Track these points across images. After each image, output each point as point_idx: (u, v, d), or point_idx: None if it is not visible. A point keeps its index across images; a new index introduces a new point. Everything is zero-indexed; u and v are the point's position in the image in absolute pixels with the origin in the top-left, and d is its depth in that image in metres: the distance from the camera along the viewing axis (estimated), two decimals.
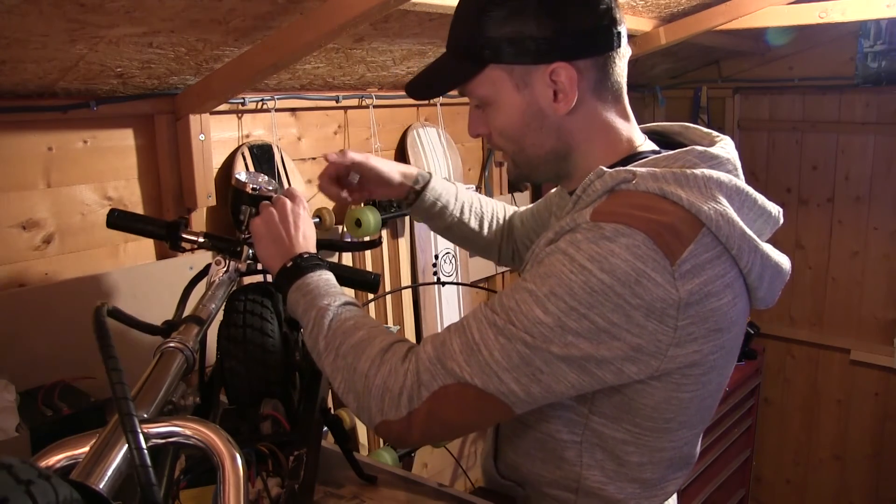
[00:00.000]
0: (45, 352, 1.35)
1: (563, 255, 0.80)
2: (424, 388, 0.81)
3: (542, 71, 0.87)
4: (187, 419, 0.70)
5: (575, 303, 0.77)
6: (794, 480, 3.13)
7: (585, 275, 0.77)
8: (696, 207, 0.79)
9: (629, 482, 0.91)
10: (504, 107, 0.91)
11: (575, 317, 0.77)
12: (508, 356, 0.79)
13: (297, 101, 1.81)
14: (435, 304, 2.25)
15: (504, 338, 0.80)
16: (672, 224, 0.78)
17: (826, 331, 2.97)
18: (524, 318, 0.79)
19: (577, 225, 0.82)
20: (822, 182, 2.89)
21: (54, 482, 0.47)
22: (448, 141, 2.25)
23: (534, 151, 0.93)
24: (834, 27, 2.35)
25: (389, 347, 0.87)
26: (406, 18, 1.49)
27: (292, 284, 0.98)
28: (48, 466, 0.65)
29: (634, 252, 0.76)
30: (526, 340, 0.78)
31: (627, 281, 0.76)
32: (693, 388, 0.85)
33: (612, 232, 0.78)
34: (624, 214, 0.79)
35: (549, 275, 0.80)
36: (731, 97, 3.00)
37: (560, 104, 0.88)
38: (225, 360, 1.05)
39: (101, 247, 1.49)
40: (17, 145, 1.35)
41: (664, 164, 0.85)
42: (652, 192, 0.80)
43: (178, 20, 1.18)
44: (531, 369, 0.79)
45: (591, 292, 0.77)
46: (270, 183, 1.16)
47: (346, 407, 1.97)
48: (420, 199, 1.24)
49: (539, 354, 0.78)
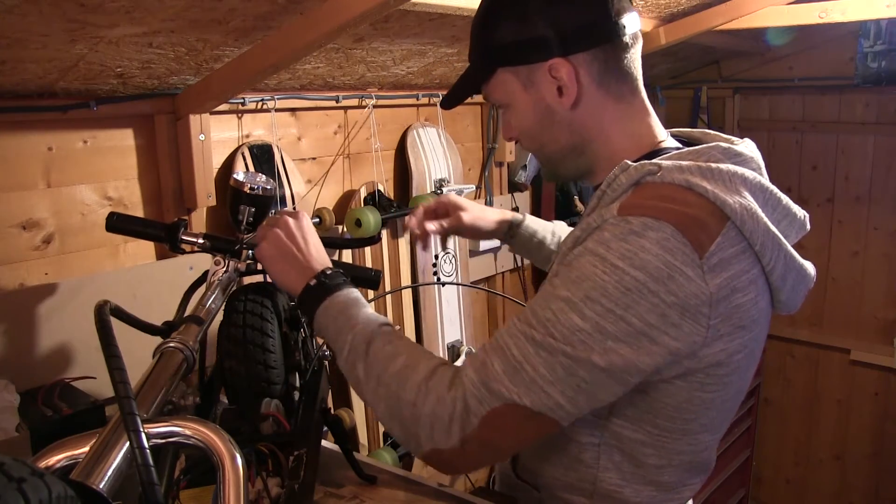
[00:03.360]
0: (45, 352, 1.35)
1: (594, 255, 0.79)
2: (474, 415, 0.79)
3: (542, 68, 0.89)
4: (187, 419, 0.70)
5: (611, 304, 0.76)
6: (794, 480, 3.13)
7: (619, 274, 0.76)
8: (721, 200, 0.79)
9: (646, 485, 0.90)
10: (518, 107, 0.95)
11: (612, 319, 0.76)
12: (553, 369, 0.78)
13: (297, 101, 1.81)
14: (435, 304, 2.25)
15: (545, 351, 0.78)
16: (699, 216, 0.78)
17: (826, 331, 2.97)
18: (562, 328, 0.78)
19: (604, 221, 0.81)
20: (822, 182, 2.89)
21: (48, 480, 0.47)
22: (448, 141, 2.24)
23: (552, 148, 0.96)
24: (834, 27, 2.35)
25: (433, 374, 0.84)
26: (406, 18, 1.49)
27: (319, 306, 0.95)
28: (48, 466, 0.65)
29: (664, 245, 0.76)
30: (566, 352, 0.77)
31: (660, 276, 0.75)
32: (715, 388, 0.84)
33: (640, 226, 0.77)
34: (651, 207, 0.78)
35: (581, 278, 0.78)
36: (731, 97, 3.01)
37: (565, 99, 0.90)
38: (225, 360, 1.05)
39: (101, 247, 1.49)
40: (17, 145, 1.35)
41: (689, 158, 0.85)
42: (677, 183, 0.80)
43: (178, 20, 1.18)
44: (576, 380, 0.78)
45: (626, 291, 0.76)
46: (269, 182, 1.16)
47: (346, 407, 1.97)
48: (517, 234, 1.30)
49: (582, 365, 0.77)
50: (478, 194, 2.49)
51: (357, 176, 2.04)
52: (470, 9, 1.44)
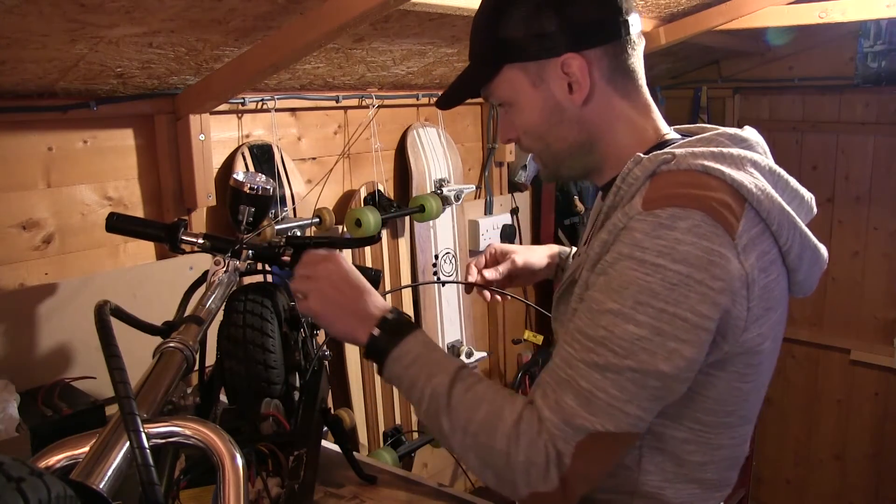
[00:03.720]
0: (45, 352, 1.35)
1: (630, 259, 0.78)
2: (566, 456, 0.78)
3: (553, 64, 0.88)
4: (187, 419, 0.70)
5: (662, 304, 0.75)
6: (794, 480, 3.13)
7: (661, 272, 0.75)
8: (737, 182, 0.79)
9: (688, 483, 0.90)
10: (524, 105, 0.93)
11: (667, 318, 0.75)
12: (624, 388, 0.76)
13: (297, 101, 1.81)
14: (435, 304, 2.25)
15: (611, 372, 0.76)
16: (722, 199, 0.78)
17: (826, 331, 2.97)
18: (620, 341, 0.76)
19: (629, 219, 0.80)
20: (822, 182, 2.89)
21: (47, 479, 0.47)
22: (448, 141, 2.24)
23: (559, 146, 0.94)
24: (834, 27, 2.35)
25: (520, 420, 0.81)
26: (406, 18, 1.49)
27: (388, 357, 0.89)
28: (48, 466, 0.65)
29: (696, 232, 0.75)
30: (632, 366, 0.76)
31: (701, 264, 0.75)
32: (753, 376, 0.85)
33: (669, 218, 0.77)
34: (674, 196, 0.78)
35: (624, 285, 0.77)
36: (731, 97, 3.00)
37: (575, 95, 0.89)
38: (225, 360, 1.05)
39: (101, 247, 1.49)
40: (17, 145, 1.35)
41: (699, 145, 0.85)
42: (694, 169, 0.80)
43: (178, 20, 1.18)
44: (648, 391, 0.77)
45: (673, 287, 0.75)
46: (269, 182, 1.16)
47: (346, 407, 1.97)
48: (567, 267, 1.27)
49: (650, 375, 0.76)
50: (478, 194, 2.49)
51: (357, 176, 2.04)
52: (470, 9, 1.44)
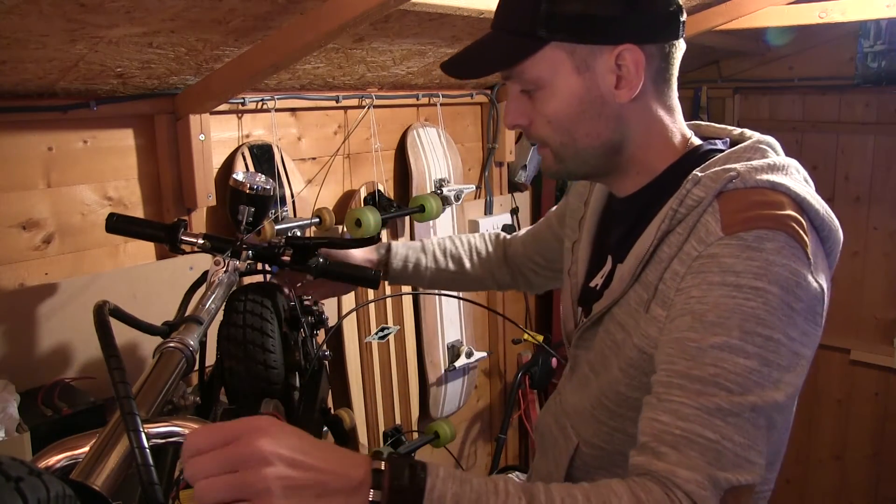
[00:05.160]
0: (45, 352, 1.35)
1: (725, 286, 0.72)
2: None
3: (607, 53, 0.81)
4: (187, 419, 0.70)
5: (767, 330, 0.70)
6: (794, 480, 3.13)
7: (762, 295, 0.71)
8: (800, 197, 0.77)
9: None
10: (560, 91, 0.83)
11: (772, 347, 0.70)
12: (746, 432, 0.68)
13: (297, 101, 1.81)
14: (435, 305, 2.25)
15: (732, 416, 0.68)
16: (795, 217, 0.75)
17: (826, 331, 2.89)
18: (734, 376, 0.69)
19: (708, 245, 0.75)
20: (822, 182, 2.89)
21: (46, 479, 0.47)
22: (448, 141, 2.24)
23: (587, 143, 0.86)
24: (834, 27, 2.35)
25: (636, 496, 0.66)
26: (406, 18, 1.49)
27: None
28: (48, 466, 0.65)
29: (784, 254, 0.72)
30: (748, 404, 0.68)
31: (790, 286, 0.72)
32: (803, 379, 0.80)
33: (755, 240, 0.73)
34: (755, 217, 0.74)
35: (724, 315, 0.71)
36: (731, 97, 3.00)
37: (622, 91, 0.82)
38: (225, 360, 1.05)
39: (101, 247, 1.49)
40: (17, 145, 1.35)
41: (747, 156, 0.82)
42: (762, 186, 0.77)
43: (178, 20, 1.18)
44: (768, 423, 0.70)
45: (773, 311, 0.71)
46: (268, 182, 1.16)
47: (346, 407, 1.97)
48: (390, 267, 1.25)
49: (767, 407, 0.69)
50: (478, 194, 2.49)
51: (357, 176, 2.04)
52: (470, 9, 1.44)
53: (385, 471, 0.62)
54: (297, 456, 0.59)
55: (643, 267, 0.83)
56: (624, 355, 0.86)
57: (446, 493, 0.62)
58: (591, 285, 0.98)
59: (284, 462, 0.58)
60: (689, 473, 0.66)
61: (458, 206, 2.28)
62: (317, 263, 1.14)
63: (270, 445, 0.58)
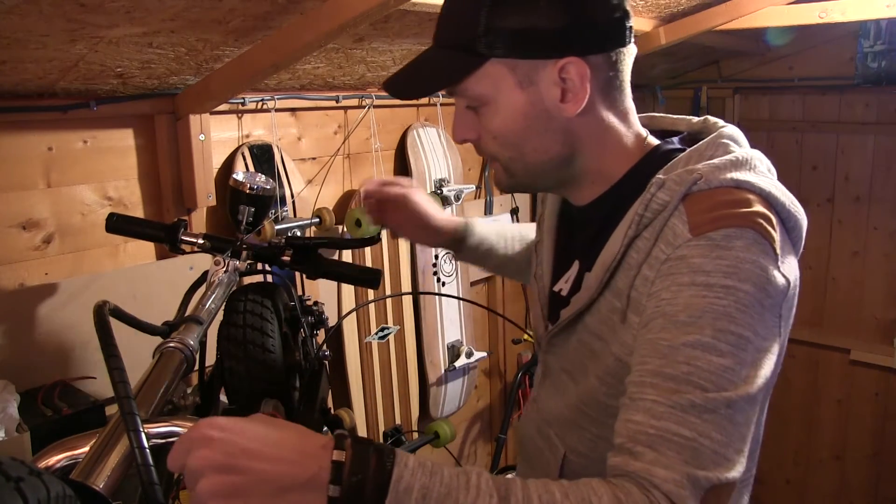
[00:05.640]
0: (45, 352, 1.35)
1: (695, 286, 0.71)
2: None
3: (550, 67, 0.78)
4: (187, 419, 0.70)
5: (739, 328, 0.69)
6: (794, 480, 3.13)
7: (732, 293, 0.70)
8: (765, 191, 0.77)
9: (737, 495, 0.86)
10: (503, 107, 0.81)
11: (744, 344, 0.69)
12: (724, 428, 0.67)
13: (297, 101, 1.81)
14: (435, 304, 2.25)
15: (707, 413, 0.66)
16: (763, 213, 0.75)
17: (826, 331, 2.97)
18: (708, 374, 0.68)
19: (676, 248, 0.74)
20: (822, 182, 2.89)
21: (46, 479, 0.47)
22: (448, 141, 2.24)
23: (535, 158, 0.84)
24: (834, 27, 2.35)
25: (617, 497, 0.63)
26: (406, 18, 1.49)
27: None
28: (48, 466, 0.65)
29: (753, 251, 0.72)
30: (724, 400, 0.67)
31: (761, 283, 0.71)
32: (774, 373, 0.79)
33: (724, 239, 0.72)
34: (722, 217, 0.73)
35: (696, 314, 0.70)
36: (731, 97, 3.00)
37: (568, 105, 0.80)
38: (225, 360, 1.05)
39: (101, 247, 1.49)
40: (17, 145, 1.35)
41: (709, 154, 0.81)
42: (726, 185, 0.76)
43: (178, 20, 1.18)
44: (745, 420, 0.69)
45: (745, 309, 0.70)
46: (269, 182, 1.16)
47: (346, 407, 1.97)
48: (466, 244, 1.20)
49: (742, 403, 0.68)
50: (478, 194, 2.49)
51: (357, 176, 2.04)
52: None
53: (345, 462, 0.58)
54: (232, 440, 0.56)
55: (611, 274, 0.82)
56: (602, 364, 0.84)
57: (414, 485, 0.59)
58: (556, 290, 0.95)
59: (214, 457, 0.55)
60: (666, 472, 0.64)
61: (458, 206, 2.28)
62: (317, 264, 1.14)
63: (208, 430, 0.56)
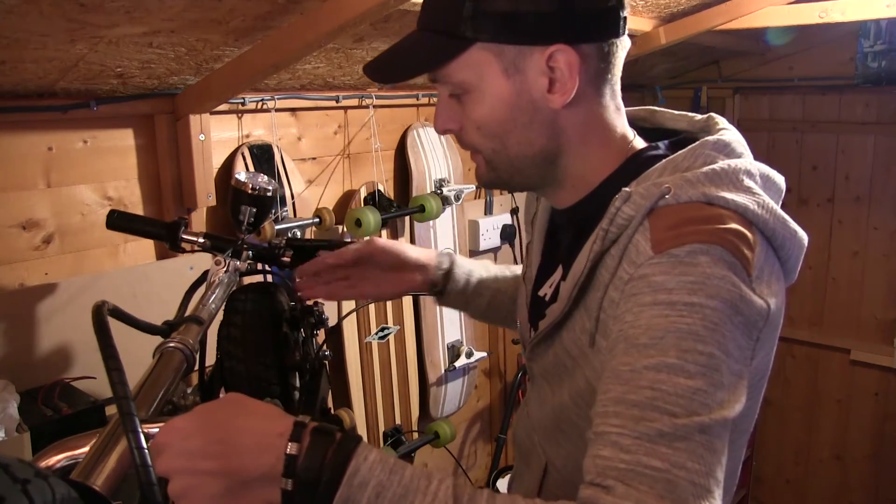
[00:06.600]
0: (45, 352, 1.35)
1: (656, 305, 0.66)
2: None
3: (538, 54, 0.75)
4: None
5: (708, 348, 0.64)
6: (794, 480, 3.13)
7: (699, 310, 0.64)
8: (742, 207, 0.71)
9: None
10: (487, 96, 0.77)
11: (715, 364, 0.64)
12: (700, 457, 0.61)
13: (297, 101, 1.81)
14: (435, 304, 2.24)
15: (679, 440, 0.61)
16: (736, 230, 0.69)
17: (826, 331, 2.97)
18: (676, 398, 0.62)
19: (638, 267, 0.69)
20: (822, 182, 2.89)
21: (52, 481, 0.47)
22: (448, 141, 2.24)
23: (519, 151, 0.80)
24: (834, 27, 2.35)
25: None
26: (406, 18, 1.49)
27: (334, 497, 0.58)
28: (48, 466, 0.65)
29: (721, 266, 0.66)
30: (698, 426, 0.61)
31: (732, 298, 0.66)
32: (755, 394, 0.76)
33: (688, 255, 0.67)
34: (688, 233, 0.68)
35: (659, 335, 0.65)
36: (731, 97, 3.01)
37: (556, 95, 0.76)
38: (225, 360, 1.05)
39: (101, 247, 1.49)
40: (17, 145, 1.35)
41: (685, 165, 0.75)
42: (696, 200, 0.71)
43: (178, 20, 1.18)
44: (719, 455, 0.63)
45: (715, 326, 0.64)
46: (270, 183, 1.16)
47: (346, 407, 1.97)
48: (451, 279, 1.12)
49: (718, 428, 0.63)
50: (477, 194, 2.49)
51: (357, 176, 2.04)
52: None
53: (299, 455, 0.57)
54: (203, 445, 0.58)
55: (581, 290, 0.78)
56: (574, 383, 0.81)
57: (370, 480, 0.57)
58: (541, 294, 0.92)
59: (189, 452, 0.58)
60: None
61: (458, 206, 2.28)
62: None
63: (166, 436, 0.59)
